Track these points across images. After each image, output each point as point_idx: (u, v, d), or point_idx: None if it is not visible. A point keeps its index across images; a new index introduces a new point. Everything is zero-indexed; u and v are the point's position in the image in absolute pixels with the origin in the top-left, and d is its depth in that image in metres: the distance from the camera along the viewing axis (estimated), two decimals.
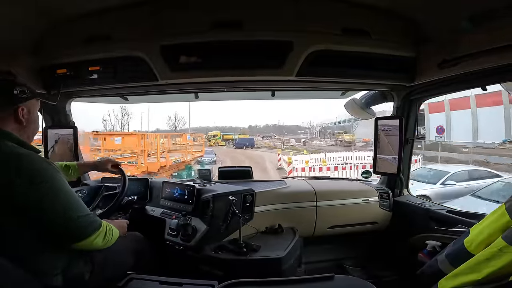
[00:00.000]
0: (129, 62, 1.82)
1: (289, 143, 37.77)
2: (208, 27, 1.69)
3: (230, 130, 50.59)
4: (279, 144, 36.15)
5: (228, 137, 42.58)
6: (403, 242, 2.26)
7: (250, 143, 36.69)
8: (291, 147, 33.19)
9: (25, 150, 1.14)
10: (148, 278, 1.40)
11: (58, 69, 1.91)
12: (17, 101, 1.22)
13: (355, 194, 2.46)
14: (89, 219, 1.20)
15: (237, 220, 1.88)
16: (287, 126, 56.70)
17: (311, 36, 1.72)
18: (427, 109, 22.57)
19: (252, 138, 40.61)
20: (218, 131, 43.84)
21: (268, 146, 37.39)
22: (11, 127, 1.20)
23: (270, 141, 43.99)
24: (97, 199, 1.96)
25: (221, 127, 49.86)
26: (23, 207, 1.05)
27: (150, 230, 1.92)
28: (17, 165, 1.07)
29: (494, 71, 1.54)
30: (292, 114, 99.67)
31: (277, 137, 49.08)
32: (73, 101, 2.44)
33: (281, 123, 61.95)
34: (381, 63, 1.87)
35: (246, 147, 35.02)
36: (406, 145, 2.36)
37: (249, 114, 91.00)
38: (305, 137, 45.55)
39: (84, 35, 1.81)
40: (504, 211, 1.28)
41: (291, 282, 1.23)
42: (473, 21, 1.44)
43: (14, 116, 1.21)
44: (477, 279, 1.20)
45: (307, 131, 52.19)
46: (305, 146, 33.11)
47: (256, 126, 59.13)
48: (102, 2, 1.71)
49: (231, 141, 40.04)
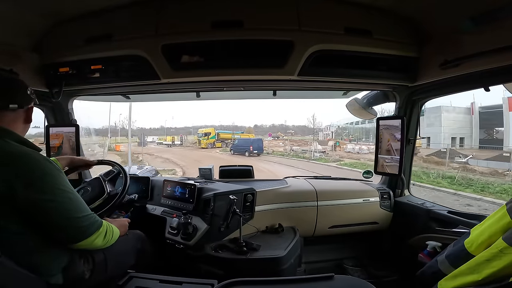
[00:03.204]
0: (131, 61, 1.83)
1: (307, 147, 26.46)
2: (209, 26, 1.69)
3: (235, 130, 39.14)
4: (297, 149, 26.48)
5: (225, 136, 32.68)
6: (403, 243, 2.26)
7: (257, 147, 24.69)
8: (323, 155, 23.12)
9: (28, 149, 1.15)
10: (148, 277, 1.41)
11: (61, 68, 1.92)
12: (30, 101, 1.24)
13: (356, 194, 2.46)
14: (90, 219, 1.20)
15: (237, 219, 1.88)
16: (295, 126, 52.85)
17: (313, 36, 1.72)
18: (507, 106, 18.35)
19: (260, 140, 27.51)
20: (211, 128, 33.05)
21: (286, 153, 25.89)
22: (19, 127, 1.21)
23: (279, 141, 35.05)
24: (105, 184, 1.91)
25: (225, 127, 39.90)
26: (25, 206, 1.05)
27: (150, 229, 1.93)
28: (20, 164, 1.07)
29: (496, 71, 1.53)
30: (299, 113, 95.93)
31: (284, 137, 40.46)
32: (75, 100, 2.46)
33: (287, 123, 58.40)
34: (383, 63, 1.86)
35: (250, 153, 23.77)
36: (408, 145, 2.36)
37: (254, 114, 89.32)
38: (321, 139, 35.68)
39: (86, 34, 1.82)
40: (505, 212, 1.27)
41: (291, 282, 1.23)
42: (474, 22, 1.44)
43: (25, 116, 1.24)
44: (477, 280, 1.20)
45: (318, 132, 43.66)
46: (338, 153, 24.06)
47: (262, 126, 55.35)
48: (104, 2, 1.72)
49: (230, 141, 30.14)
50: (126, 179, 1.90)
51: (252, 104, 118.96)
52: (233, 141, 28.69)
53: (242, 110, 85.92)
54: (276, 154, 26.19)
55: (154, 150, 27.82)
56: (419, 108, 2.34)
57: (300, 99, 4.11)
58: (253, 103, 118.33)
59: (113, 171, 2.00)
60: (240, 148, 24.93)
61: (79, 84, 2.02)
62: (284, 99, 3.10)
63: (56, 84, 1.97)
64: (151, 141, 35.66)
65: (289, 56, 1.73)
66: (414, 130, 2.38)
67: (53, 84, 1.98)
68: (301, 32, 1.70)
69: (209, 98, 2.70)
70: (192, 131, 44.11)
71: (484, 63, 1.51)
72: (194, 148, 30.46)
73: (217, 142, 31.20)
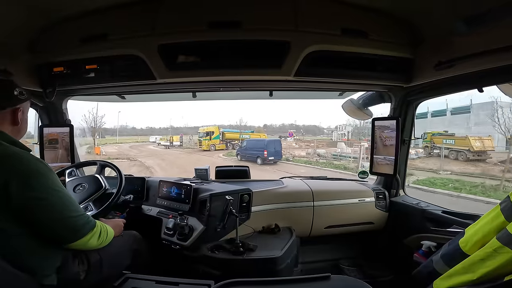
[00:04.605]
0: (127, 61, 1.81)
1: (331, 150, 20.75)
2: (206, 26, 1.68)
3: (243, 129, 31.46)
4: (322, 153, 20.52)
5: (232, 136, 26.56)
6: (399, 242, 2.27)
7: (273, 152, 17.96)
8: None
9: (18, 149, 1.14)
10: (144, 278, 1.40)
11: (55, 67, 1.90)
12: (17, 102, 1.22)
13: (351, 194, 2.47)
14: (83, 219, 1.20)
15: (234, 220, 1.88)
16: (304, 126, 48.30)
17: (309, 36, 1.72)
18: None
19: (278, 141, 20.47)
20: (214, 126, 26.73)
21: (311, 160, 19.12)
22: (7, 129, 1.19)
23: (293, 142, 28.23)
24: (103, 183, 1.89)
25: (234, 126, 32.47)
26: (18, 207, 1.04)
27: (146, 230, 1.92)
28: (11, 165, 1.06)
29: (490, 73, 1.55)
30: (309, 113, 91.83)
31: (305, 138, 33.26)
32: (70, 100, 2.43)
33: (297, 123, 53.55)
34: (379, 64, 1.87)
35: (263, 160, 17.43)
36: (403, 145, 2.38)
37: (264, 113, 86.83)
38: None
39: (82, 33, 1.80)
40: (499, 212, 1.28)
41: (288, 282, 1.23)
42: (468, 24, 1.45)
43: (11, 117, 1.21)
44: (471, 279, 1.21)
45: (329, 132, 37.75)
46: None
47: (272, 125, 50.78)
48: (100, 1, 1.70)
49: (238, 142, 24.25)
50: (121, 179, 1.89)
51: (261, 103, 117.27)
52: (241, 143, 22.75)
53: (251, 109, 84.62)
54: (299, 160, 19.15)
55: (147, 152, 24.14)
56: (414, 109, 2.35)
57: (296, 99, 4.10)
58: (263, 103, 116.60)
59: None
60: (250, 153, 18.59)
61: (73, 84, 1.99)
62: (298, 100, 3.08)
63: (50, 83, 1.95)
64: (153, 141, 32.91)
65: (285, 56, 1.73)
66: (409, 130, 2.39)
67: (47, 83, 1.96)
68: (298, 33, 1.70)
69: (206, 98, 2.69)
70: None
71: (477, 64, 1.53)
72: (194, 151, 25.69)
73: (222, 143, 25.45)
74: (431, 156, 16.15)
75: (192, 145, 29.66)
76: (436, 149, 16.09)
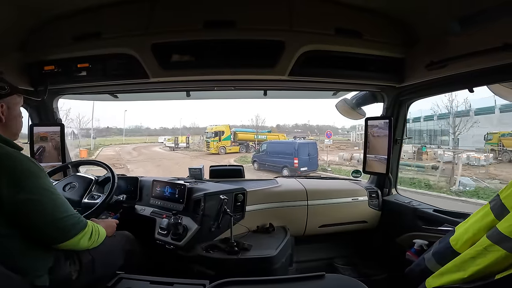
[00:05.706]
0: (120, 60, 1.80)
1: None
2: (200, 26, 1.68)
3: (260, 129, 26.71)
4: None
5: (246, 136, 22.74)
6: (392, 241, 2.30)
7: (306, 161, 13.81)
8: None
9: (9, 148, 1.12)
10: (138, 278, 1.38)
11: (46, 66, 1.87)
12: None
13: (345, 193, 2.49)
14: (74, 219, 1.18)
15: (228, 219, 1.87)
16: (318, 126, 44.80)
17: (304, 36, 1.73)
18: None
19: (314, 144, 15.58)
20: (225, 125, 22.51)
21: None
22: None
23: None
24: (92, 187, 1.93)
25: (248, 126, 28.18)
26: (9, 206, 1.02)
27: (140, 230, 1.90)
28: (3, 164, 1.04)
29: (481, 73, 1.58)
30: (324, 113, 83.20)
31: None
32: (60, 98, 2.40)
33: (311, 123, 51.14)
34: (372, 63, 1.90)
35: (292, 171, 13.09)
36: (395, 145, 2.40)
37: (276, 113, 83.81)
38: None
39: (74, 32, 1.77)
40: (489, 210, 1.30)
41: (282, 281, 1.24)
42: (460, 24, 1.47)
43: None
44: (463, 277, 1.22)
45: (344, 132, 36.26)
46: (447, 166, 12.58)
47: (285, 125, 47.57)
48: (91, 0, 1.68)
49: (253, 145, 21.23)
50: (113, 179, 1.87)
51: (274, 103, 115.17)
52: (259, 146, 18.18)
53: (263, 109, 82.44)
54: (338, 170, 14.72)
55: (146, 156, 22.26)
56: (406, 109, 2.38)
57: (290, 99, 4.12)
58: (276, 103, 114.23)
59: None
60: (272, 160, 14.09)
61: (65, 82, 1.97)
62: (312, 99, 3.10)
63: (41, 82, 1.92)
64: (161, 142, 30.07)
65: (280, 56, 1.74)
66: (401, 130, 2.42)
67: (38, 82, 1.93)
68: (293, 33, 1.71)
69: (199, 98, 2.68)
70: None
71: (468, 64, 1.56)
72: (200, 154, 22.64)
73: (233, 144, 21.72)
74: (502, 162, 13.12)
75: (200, 146, 26.69)
76: (506, 153, 13.18)
